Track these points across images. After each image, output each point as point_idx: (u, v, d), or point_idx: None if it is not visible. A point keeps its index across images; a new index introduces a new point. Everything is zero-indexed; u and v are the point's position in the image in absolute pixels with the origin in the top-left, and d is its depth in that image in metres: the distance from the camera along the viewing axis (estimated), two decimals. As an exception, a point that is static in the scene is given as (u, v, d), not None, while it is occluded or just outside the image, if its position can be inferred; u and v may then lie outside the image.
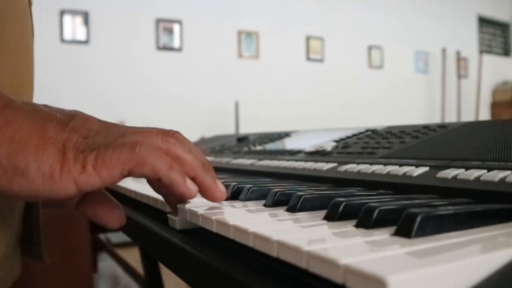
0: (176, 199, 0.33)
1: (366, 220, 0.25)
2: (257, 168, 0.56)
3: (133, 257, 1.25)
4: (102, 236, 1.57)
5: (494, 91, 5.91)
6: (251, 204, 0.35)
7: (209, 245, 0.29)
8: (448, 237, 0.22)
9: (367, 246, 0.21)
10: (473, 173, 0.33)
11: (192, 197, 0.31)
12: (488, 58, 5.66)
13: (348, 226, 0.25)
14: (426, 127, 0.56)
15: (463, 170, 0.34)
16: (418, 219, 0.22)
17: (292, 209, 0.31)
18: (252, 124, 4.21)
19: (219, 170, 0.65)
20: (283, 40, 4.48)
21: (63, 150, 0.27)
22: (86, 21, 3.55)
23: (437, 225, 0.23)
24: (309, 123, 4.62)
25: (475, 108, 5.61)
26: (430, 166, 0.38)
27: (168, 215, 0.36)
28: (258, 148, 0.74)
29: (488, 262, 0.18)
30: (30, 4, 0.45)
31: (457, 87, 5.45)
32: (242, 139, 0.87)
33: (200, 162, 0.32)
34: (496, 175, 0.31)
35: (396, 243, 0.21)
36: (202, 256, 0.27)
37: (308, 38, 4.63)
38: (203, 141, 1.14)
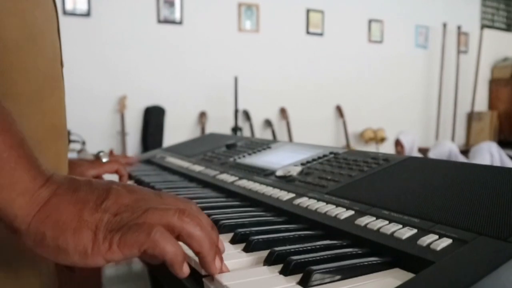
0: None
1: (286, 269, 0.38)
2: (236, 189, 0.70)
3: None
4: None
5: (493, 68, 5.94)
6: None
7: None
8: (335, 286, 0.35)
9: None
10: (377, 224, 0.46)
11: (182, 277, 0.37)
12: (489, 33, 5.65)
13: (275, 272, 0.39)
14: (374, 157, 0.69)
15: (374, 219, 0.48)
16: (314, 275, 0.36)
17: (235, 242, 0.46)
18: (251, 99, 4.32)
19: (207, 184, 0.79)
20: (283, 13, 4.49)
21: (95, 231, 0.34)
22: (88, -5, 3.58)
23: (328, 277, 0.36)
24: (308, 98, 4.71)
25: (473, 84, 5.66)
26: (355, 211, 0.51)
27: (204, 279, 0.40)
28: (242, 160, 0.87)
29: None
30: (62, 66, 0.56)
31: (456, 63, 5.48)
32: (230, 146, 1.00)
33: (208, 239, 0.37)
34: (390, 229, 0.45)
35: (295, 293, 0.35)
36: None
37: (308, 11, 4.64)
38: (199, 139, 1.27)
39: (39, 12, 0.49)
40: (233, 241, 0.48)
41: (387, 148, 4.86)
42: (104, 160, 0.80)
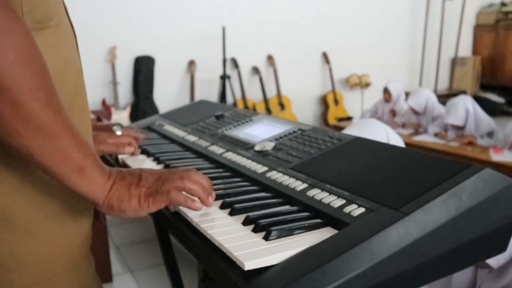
0: None
1: (256, 228, 0.59)
2: (223, 161, 0.90)
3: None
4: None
5: (478, 13, 5.99)
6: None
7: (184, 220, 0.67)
8: (286, 239, 0.57)
9: (249, 244, 0.56)
10: (321, 195, 0.67)
11: (197, 210, 0.66)
12: (477, -22, 5.64)
13: (248, 230, 0.60)
14: (331, 136, 0.89)
15: (320, 191, 0.68)
16: (272, 233, 0.57)
17: (223, 207, 0.67)
18: (239, 46, 4.39)
19: (201, 154, 0.98)
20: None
21: (139, 198, 0.61)
22: None
23: (283, 234, 0.57)
24: (294, 45, 4.79)
25: (457, 30, 5.74)
26: (308, 184, 0.72)
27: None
28: (228, 132, 1.06)
29: (292, 251, 0.53)
30: (82, 73, 0.72)
31: (441, 9, 5.52)
32: (219, 117, 1.18)
33: (202, 190, 0.65)
34: (328, 199, 0.65)
35: (259, 243, 0.56)
36: (180, 226, 0.64)
37: (297, -44, 4.58)
38: (189, 106, 1.44)
39: (64, 40, 0.65)
40: (221, 207, 0.69)
41: (372, 93, 5.05)
42: (118, 133, 0.98)
